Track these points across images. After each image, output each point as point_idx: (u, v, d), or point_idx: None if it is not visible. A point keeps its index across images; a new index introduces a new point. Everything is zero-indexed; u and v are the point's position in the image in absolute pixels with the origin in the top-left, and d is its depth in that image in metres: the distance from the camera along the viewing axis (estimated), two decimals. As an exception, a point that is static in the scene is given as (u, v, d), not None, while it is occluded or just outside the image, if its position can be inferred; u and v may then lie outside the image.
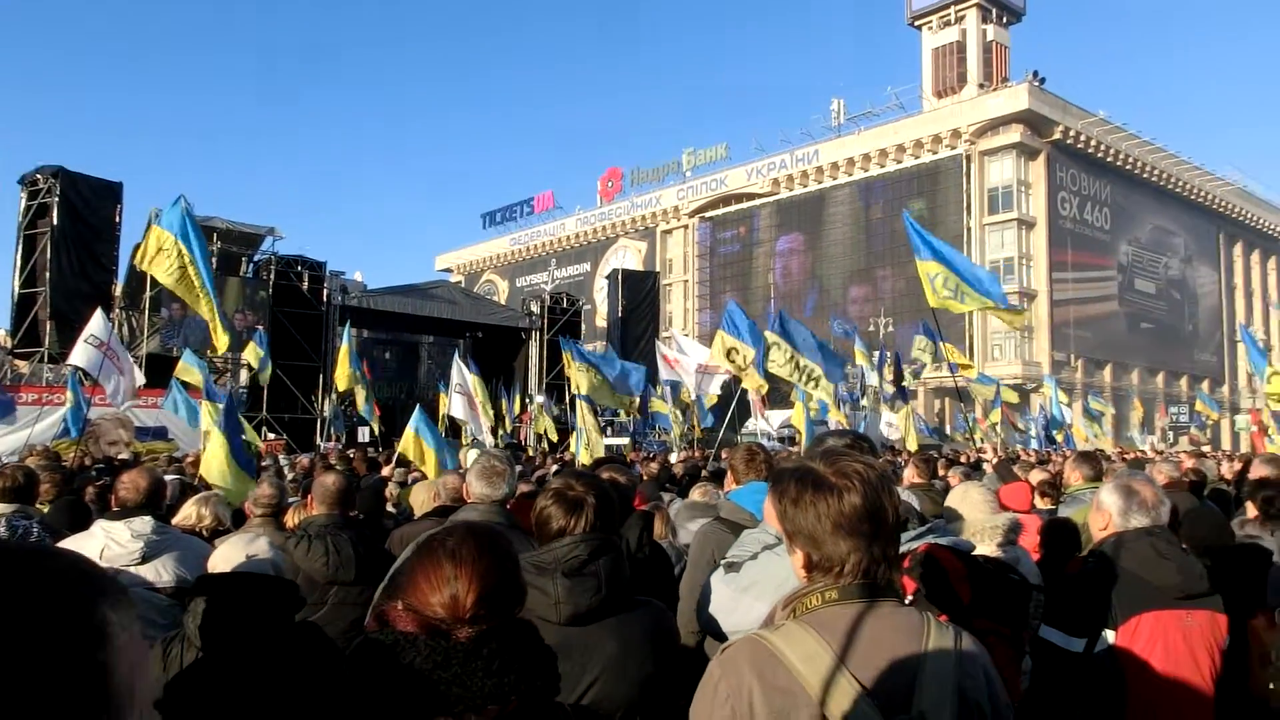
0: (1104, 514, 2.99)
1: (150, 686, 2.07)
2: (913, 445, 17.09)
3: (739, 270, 74.04)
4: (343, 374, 18.37)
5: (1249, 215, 77.24)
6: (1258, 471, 5.44)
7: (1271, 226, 79.97)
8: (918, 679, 1.56)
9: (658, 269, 68.54)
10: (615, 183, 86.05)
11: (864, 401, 19.21)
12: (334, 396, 25.88)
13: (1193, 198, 71.39)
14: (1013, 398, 27.15)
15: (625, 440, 26.21)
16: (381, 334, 41.41)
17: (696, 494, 6.32)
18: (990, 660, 1.68)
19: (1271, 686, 2.99)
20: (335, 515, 4.06)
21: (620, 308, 38.32)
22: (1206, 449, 29.79)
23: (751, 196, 73.99)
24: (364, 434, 25.14)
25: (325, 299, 30.49)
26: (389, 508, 7.74)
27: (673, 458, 16.79)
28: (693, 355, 18.71)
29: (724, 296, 68.71)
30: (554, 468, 11.50)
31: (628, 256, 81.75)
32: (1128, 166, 65.42)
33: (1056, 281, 60.32)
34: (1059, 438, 24.33)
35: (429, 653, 1.27)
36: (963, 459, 12.50)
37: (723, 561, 2.84)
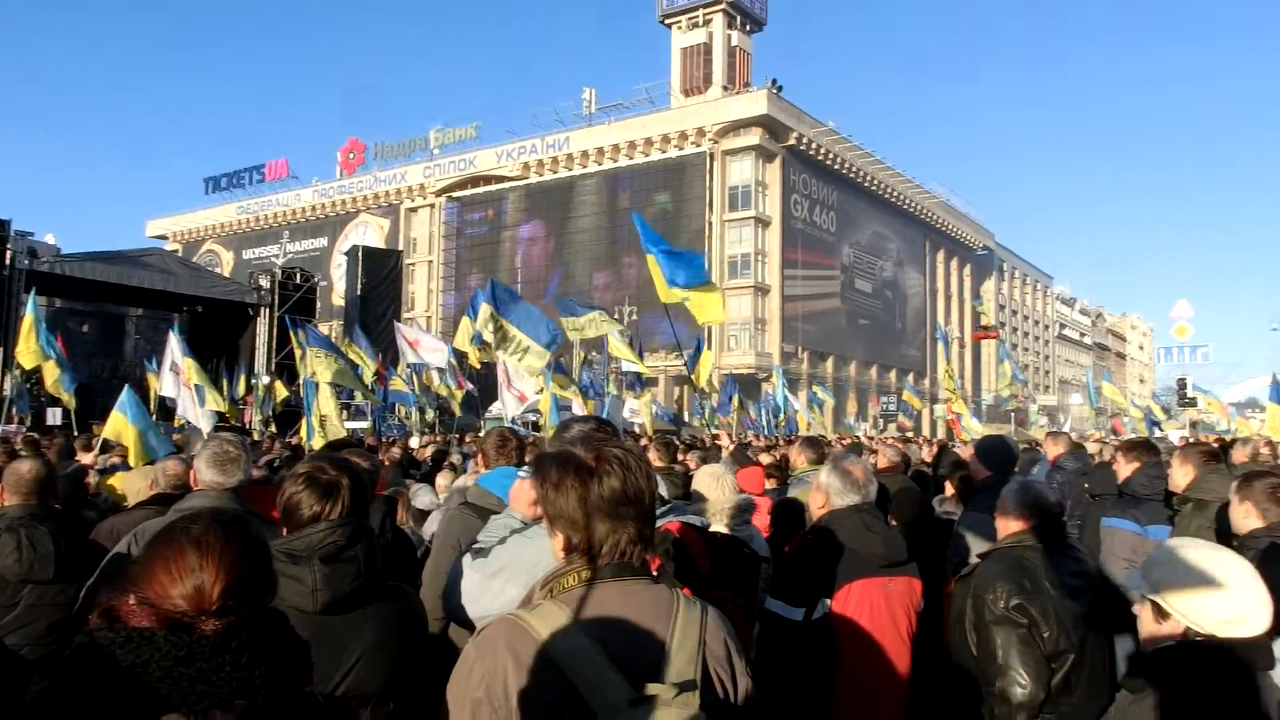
0: (822, 493, 3.29)
1: None
2: (651, 430, 17.78)
3: (486, 253, 73.45)
4: (26, 348, 15.96)
5: (951, 227, 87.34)
6: (967, 454, 6.14)
7: (968, 238, 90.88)
8: (667, 650, 1.64)
9: (401, 248, 66.40)
10: (357, 155, 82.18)
11: (609, 388, 19.77)
12: (16, 373, 22.64)
13: (906, 207, 79.74)
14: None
15: (365, 424, 25.22)
16: (80, 304, 36.76)
17: (442, 480, 6.22)
18: (734, 631, 1.81)
19: (954, 662, 3.42)
20: (33, 506, 3.59)
21: (360, 286, 36.63)
22: (911, 435, 33.45)
23: (501, 179, 73.59)
24: (54, 415, 22.24)
25: (9, 262, 26.65)
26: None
27: (414, 442, 16.40)
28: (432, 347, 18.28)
29: (470, 279, 67.95)
30: (284, 453, 10.83)
31: (369, 233, 78.53)
32: (852, 175, 71.91)
33: (788, 278, 65.19)
34: (787, 423, 26.31)
35: (169, 648, 1.18)
36: (699, 444, 13.18)
37: (470, 548, 2.82)
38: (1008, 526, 3.46)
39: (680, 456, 10.52)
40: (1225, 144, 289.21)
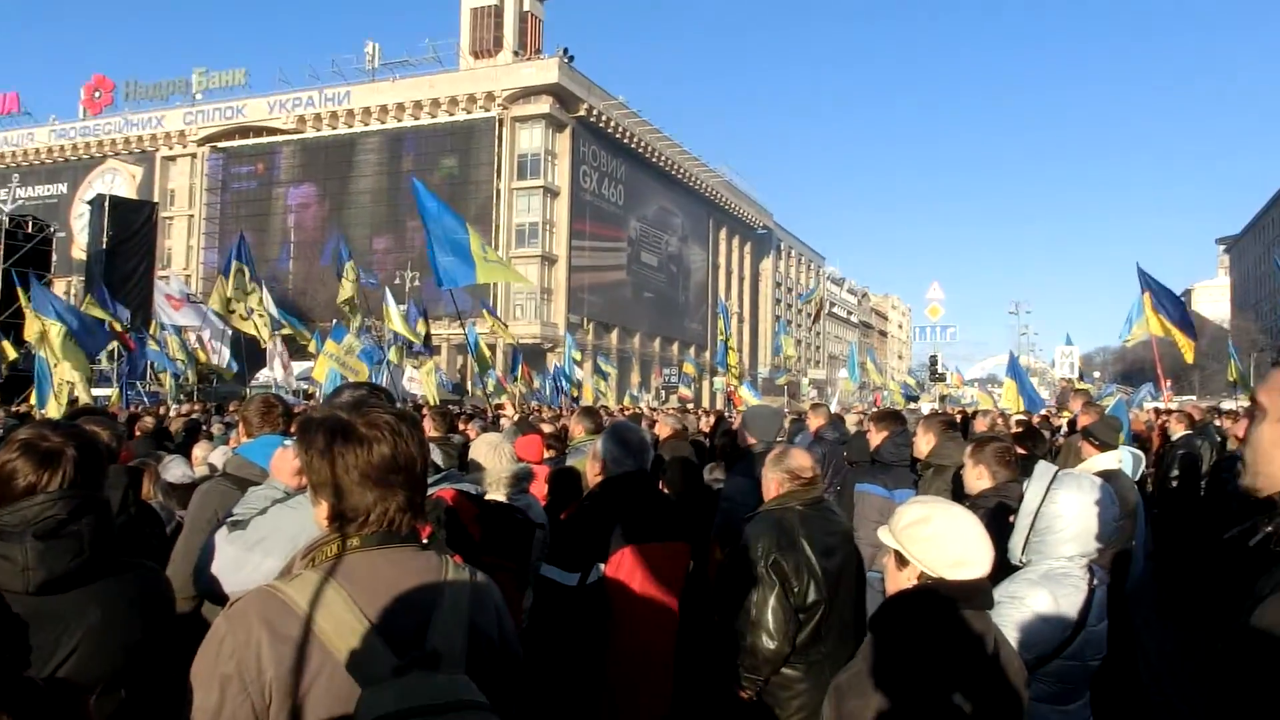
0: (599, 461, 3.36)
1: None
2: (434, 400, 17.43)
3: (256, 209, 68.57)
4: None
5: (733, 205, 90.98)
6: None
7: (750, 217, 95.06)
8: (433, 617, 1.62)
9: (156, 199, 60.59)
10: (105, 94, 73.96)
11: (389, 356, 19.11)
12: None
13: (691, 184, 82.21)
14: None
15: (111, 391, 22.88)
16: None
17: (199, 451, 5.80)
18: (501, 595, 1.80)
19: (718, 619, 3.60)
20: None
21: (106, 239, 33.02)
22: (690, 406, 34.73)
23: (274, 131, 68.87)
24: None
25: None
26: None
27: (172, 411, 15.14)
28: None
29: (236, 237, 63.40)
30: (9, 421, 9.68)
31: (118, 181, 71.09)
32: (640, 150, 73.15)
33: (575, 249, 65.57)
34: (574, 394, 26.54)
35: None
36: (481, 413, 13.09)
37: (227, 520, 2.65)
38: (769, 490, 3.68)
39: (461, 426, 10.44)
40: (977, 139, 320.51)
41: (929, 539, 2.25)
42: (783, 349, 29.82)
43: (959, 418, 14.05)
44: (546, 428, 8.21)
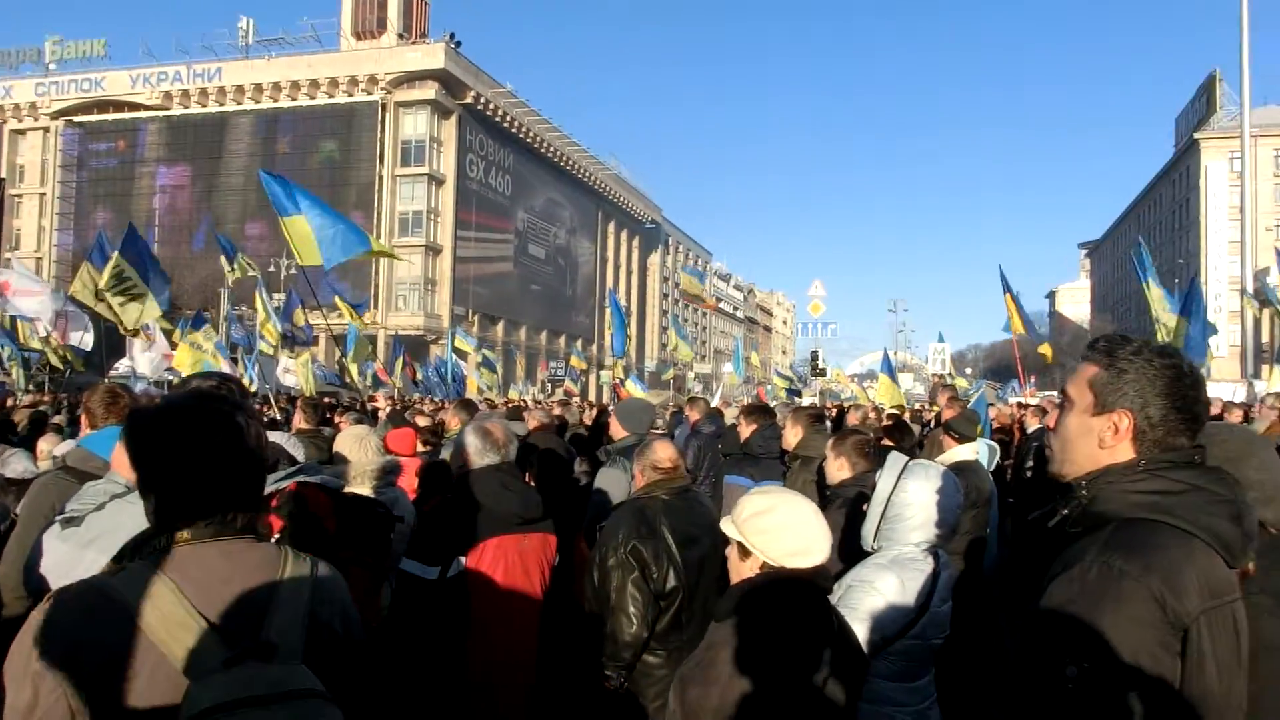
0: (462, 453, 3.33)
1: None
2: (310, 390, 16.88)
3: (117, 189, 64.71)
4: None
5: (622, 199, 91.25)
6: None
7: (638, 211, 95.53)
8: (269, 609, 1.59)
9: (4, 175, 56.40)
10: (-59, 59, 68.36)
11: (261, 346, 18.38)
12: None
13: (580, 177, 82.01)
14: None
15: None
16: None
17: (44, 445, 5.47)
18: (346, 587, 1.78)
19: (591, 593, 3.64)
20: None
21: (-56, 216, 30.57)
22: (576, 400, 34.67)
23: (137, 107, 65.13)
24: None
25: None
26: None
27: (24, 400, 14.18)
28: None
29: (95, 217, 59.74)
30: None
31: (-42, 154, 65.82)
32: (529, 140, 72.52)
33: (461, 239, 64.52)
34: (456, 386, 26.10)
35: None
36: (358, 406, 12.79)
37: (59, 518, 2.52)
38: (638, 480, 3.74)
39: (336, 419, 10.15)
40: (860, 141, 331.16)
41: (770, 530, 2.31)
42: (672, 344, 30.13)
43: (834, 412, 14.54)
44: (423, 420, 8.07)
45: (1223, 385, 19.53)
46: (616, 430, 5.41)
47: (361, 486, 3.58)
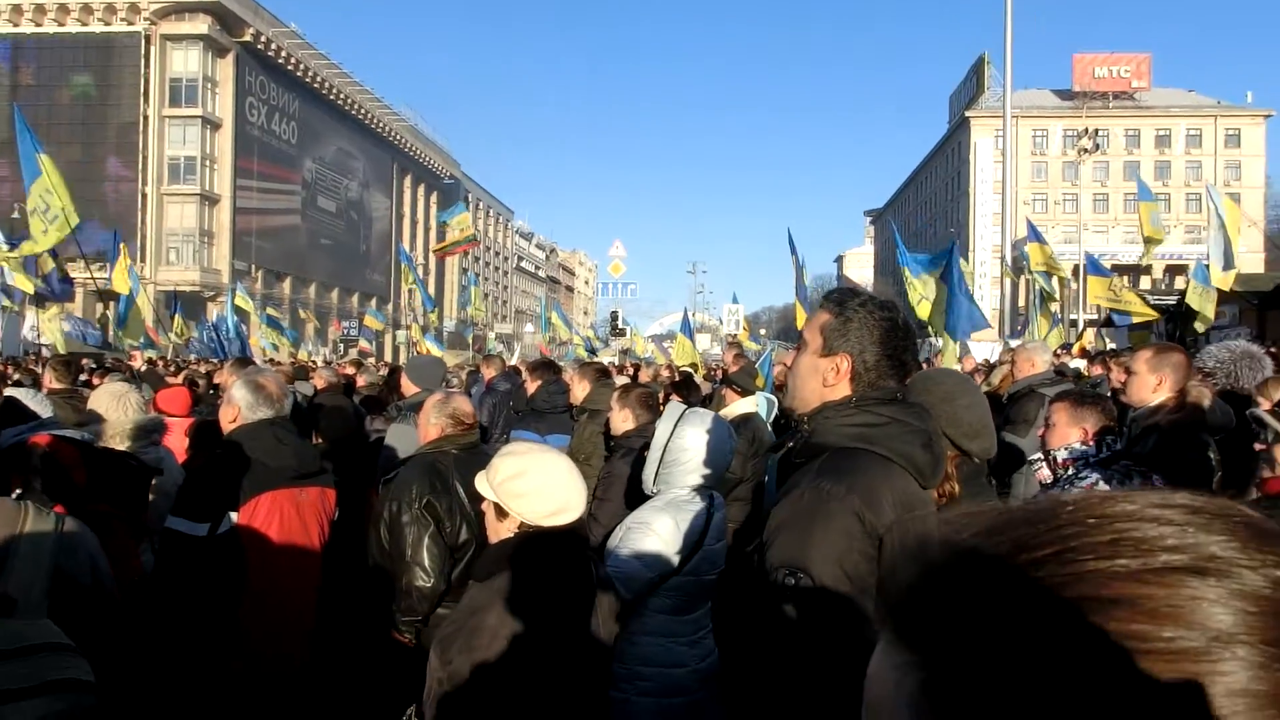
0: (234, 408, 3.23)
1: None
2: (61, 348, 15.42)
3: None
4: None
5: (419, 153, 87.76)
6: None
7: (436, 165, 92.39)
8: (8, 563, 1.53)
9: None
10: None
11: (3, 301, 16.50)
12: None
13: (374, 127, 78.03)
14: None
15: None
16: None
17: None
18: (96, 540, 1.73)
19: (377, 548, 3.63)
20: None
21: None
22: (371, 360, 33.49)
23: None
24: None
25: None
26: None
27: None
28: None
29: None
30: None
31: None
32: (316, 85, 68.21)
33: (241, 189, 60.16)
34: (241, 346, 24.48)
35: None
36: (122, 366, 11.90)
37: None
38: (428, 435, 3.76)
39: (96, 381, 9.38)
40: (659, 103, 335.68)
41: (525, 494, 2.35)
42: (471, 301, 29.66)
43: (631, 370, 14.94)
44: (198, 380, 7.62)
45: (982, 345, 21.58)
46: (407, 387, 5.38)
47: (121, 445, 3.38)
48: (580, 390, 5.74)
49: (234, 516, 2.88)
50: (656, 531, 3.26)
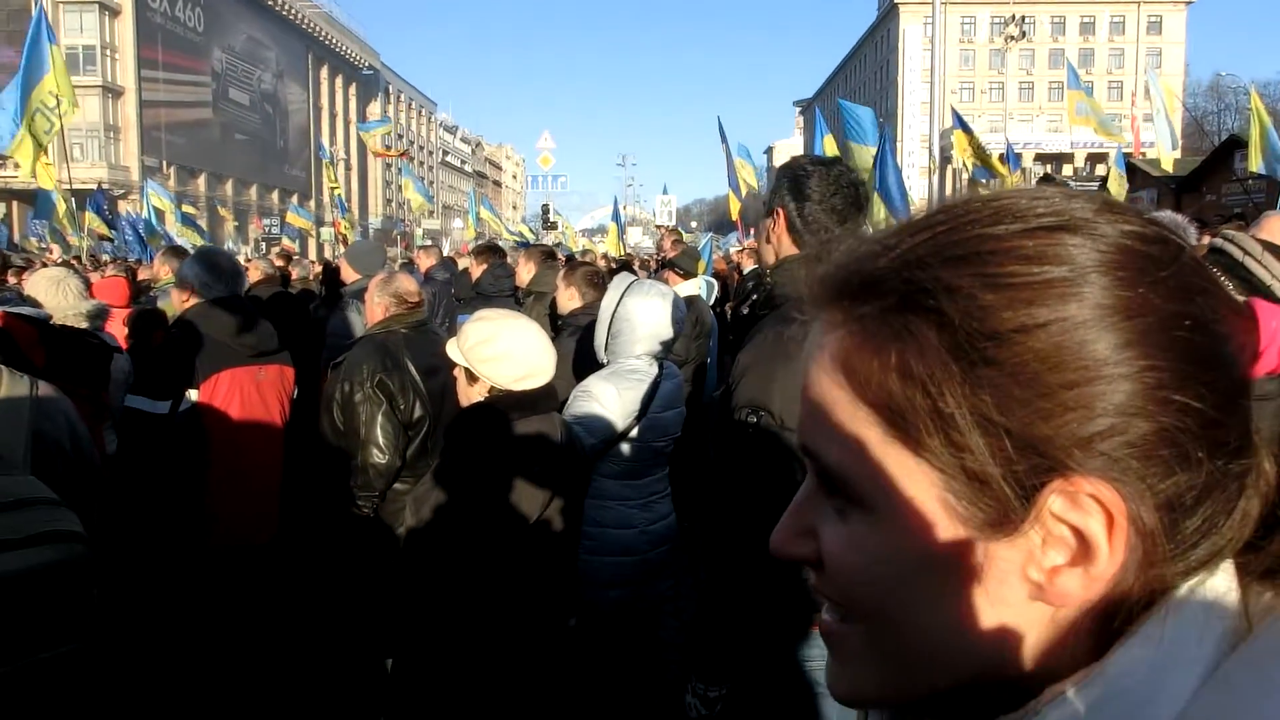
0: (186, 288, 3.17)
1: None
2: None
3: None
4: None
5: (335, 42, 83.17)
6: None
7: (354, 55, 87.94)
8: None
9: None
10: None
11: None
12: None
13: (286, 14, 73.53)
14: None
15: None
16: None
17: None
18: (73, 406, 1.73)
19: (330, 428, 3.66)
20: None
21: None
22: (296, 257, 32.47)
23: None
24: None
25: None
26: None
27: None
28: None
29: None
30: None
31: None
32: (220, -33, 63.80)
33: (146, 80, 56.68)
34: (155, 244, 23.51)
35: None
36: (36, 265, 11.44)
37: None
38: (375, 315, 3.75)
39: (14, 280, 9.02)
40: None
41: (495, 359, 2.41)
42: (408, 193, 28.84)
43: (563, 263, 14.85)
44: (143, 274, 7.40)
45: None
46: (348, 273, 5.31)
47: (65, 330, 3.31)
48: (526, 273, 5.73)
49: (194, 395, 2.87)
50: (598, 399, 3.31)
